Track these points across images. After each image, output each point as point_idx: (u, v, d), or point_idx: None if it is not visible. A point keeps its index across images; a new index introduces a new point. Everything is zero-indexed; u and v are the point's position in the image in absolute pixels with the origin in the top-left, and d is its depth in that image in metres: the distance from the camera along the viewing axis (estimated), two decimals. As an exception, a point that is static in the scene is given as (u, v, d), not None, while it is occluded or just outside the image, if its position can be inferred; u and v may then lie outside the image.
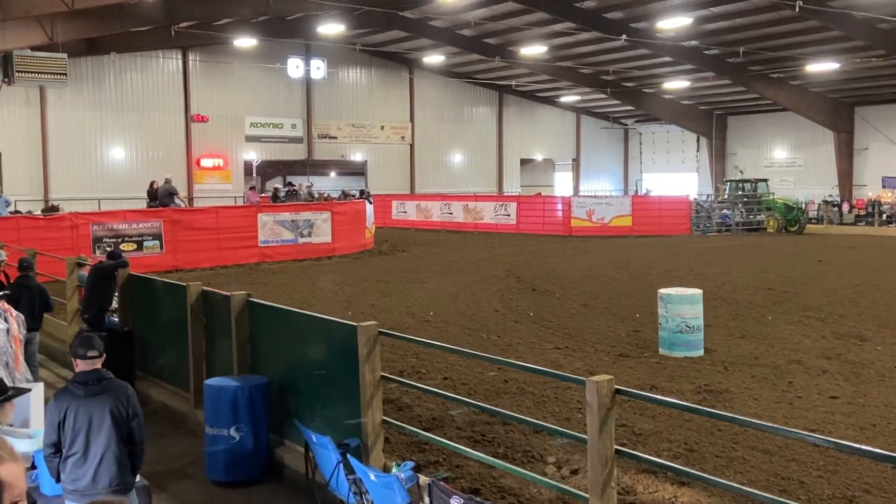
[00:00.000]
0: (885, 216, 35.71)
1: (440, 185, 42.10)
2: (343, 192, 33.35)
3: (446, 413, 7.44)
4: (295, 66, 37.57)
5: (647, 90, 41.26)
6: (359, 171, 42.95)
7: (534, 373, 6.51)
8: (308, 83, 38.95)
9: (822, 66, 31.36)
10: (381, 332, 5.86)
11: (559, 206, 33.18)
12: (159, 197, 23.18)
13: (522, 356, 9.93)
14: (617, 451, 4.42)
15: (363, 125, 41.07)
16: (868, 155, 38.32)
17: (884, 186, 37.73)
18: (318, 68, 38.16)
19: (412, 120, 42.72)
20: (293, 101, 39.04)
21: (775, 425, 5.79)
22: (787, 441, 6.40)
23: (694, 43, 31.68)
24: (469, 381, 8.85)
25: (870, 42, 28.83)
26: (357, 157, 41.62)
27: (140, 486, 5.05)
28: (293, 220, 22.35)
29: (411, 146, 42.80)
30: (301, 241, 22.35)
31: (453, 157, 44.50)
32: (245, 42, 32.74)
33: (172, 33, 29.24)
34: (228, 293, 7.57)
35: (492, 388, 8.56)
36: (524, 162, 47.52)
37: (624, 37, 29.74)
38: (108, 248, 17.02)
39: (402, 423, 6.56)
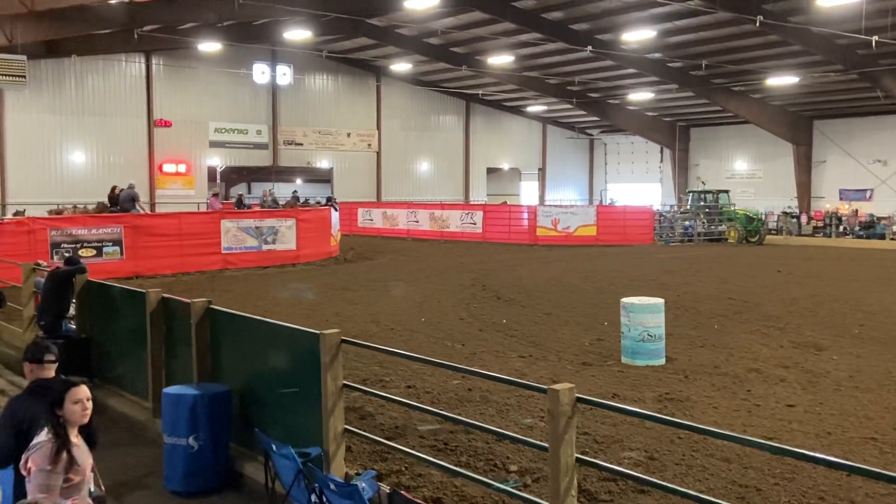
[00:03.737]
0: (842, 228, 36.53)
1: (407, 193, 42.13)
2: (294, 194, 33.36)
3: (411, 424, 7.42)
4: (261, 72, 37.37)
5: (612, 101, 41.74)
6: (325, 178, 42.79)
7: (497, 381, 6.52)
8: (274, 89, 38.75)
9: (782, 80, 32.00)
10: (343, 341, 5.83)
11: (525, 215, 33.36)
12: (120, 202, 22.84)
13: (487, 364, 9.95)
14: (578, 460, 4.45)
15: (329, 132, 40.95)
16: (826, 168, 39.16)
17: (841, 199, 38.62)
18: (284, 74, 37.99)
19: (379, 127, 42.70)
20: (258, 107, 38.80)
21: (733, 434, 5.87)
22: (746, 449, 6.49)
23: (658, 55, 32.15)
24: (433, 389, 8.84)
25: (828, 57, 29.50)
26: (323, 164, 41.47)
27: (95, 496, 4.96)
28: (257, 227, 22.16)
29: (378, 154, 42.77)
30: (265, 247, 22.16)
31: (420, 166, 44.53)
32: (210, 47, 32.48)
33: (135, 37, 28.89)
34: (189, 300, 7.49)
35: (455, 396, 8.56)
36: (491, 171, 47.74)
37: (589, 48, 30.06)
38: (67, 254, 16.71)
39: (365, 431, 6.53)
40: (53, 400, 4.06)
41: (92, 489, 4.82)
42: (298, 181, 45.97)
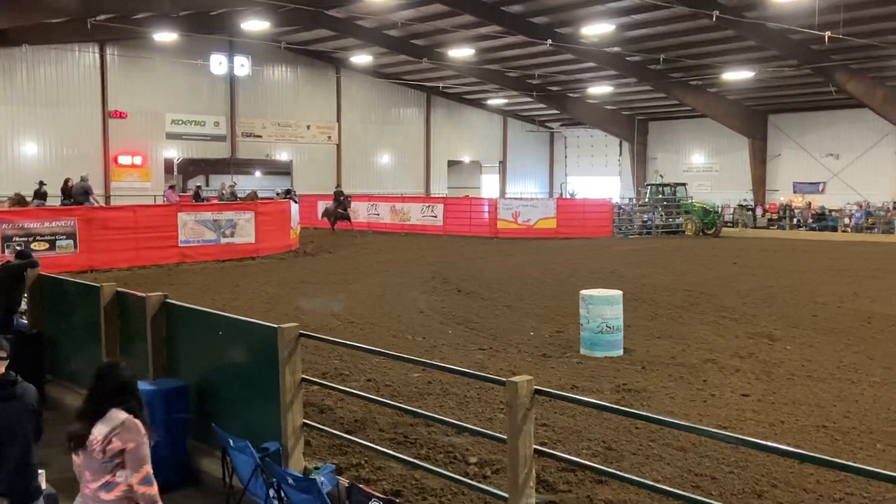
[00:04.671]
0: (795, 220, 37.30)
1: (367, 185, 41.95)
2: (224, 185, 32.95)
3: (371, 417, 7.40)
4: (218, 63, 36.86)
5: (571, 95, 42.01)
6: (284, 170, 42.41)
7: (457, 374, 6.54)
8: (232, 80, 38.25)
9: (737, 75, 32.50)
10: (302, 334, 5.79)
11: (486, 208, 33.46)
12: (73, 195, 22.39)
13: (447, 357, 9.97)
14: (536, 451, 4.48)
15: (289, 124, 40.57)
16: (780, 161, 39.92)
17: (795, 191, 39.42)
18: (243, 65, 37.55)
19: (339, 120, 42.43)
20: (216, 99, 38.28)
21: (689, 423, 5.97)
22: (701, 438, 6.60)
23: (617, 49, 32.41)
24: (393, 382, 8.83)
25: (782, 52, 30.04)
26: (282, 156, 41.09)
27: (48, 494, 4.87)
28: (215, 220, 21.90)
29: (338, 146, 42.50)
30: (223, 241, 21.91)
31: (381, 158, 44.36)
32: (166, 37, 31.92)
33: (89, 26, 28.27)
34: (144, 294, 7.37)
35: (416, 389, 8.56)
36: (452, 164, 47.74)
37: (549, 41, 30.20)
38: (18, 247, 16.33)
39: (325, 425, 6.51)
40: None
41: (43, 487, 4.73)
42: (257, 173, 45.51)
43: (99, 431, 3.89)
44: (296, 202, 27.41)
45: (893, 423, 7.42)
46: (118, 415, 3.94)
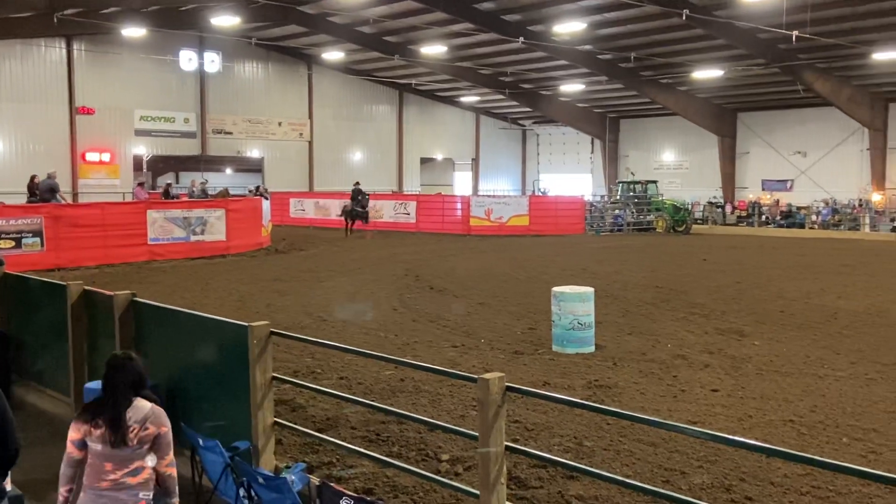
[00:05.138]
0: (763, 217, 37.78)
1: (339, 183, 41.74)
2: (194, 183, 32.46)
3: (343, 415, 7.38)
4: (188, 59, 36.52)
5: (543, 92, 42.17)
6: (255, 167, 42.16)
7: (429, 371, 6.54)
8: (202, 76, 37.91)
9: (707, 73, 32.84)
10: (273, 332, 5.75)
11: (458, 206, 33.50)
12: (40, 192, 22.05)
13: (419, 355, 9.97)
14: (507, 448, 4.49)
15: (260, 121, 40.31)
16: (749, 159, 40.41)
17: (763, 189, 39.92)
18: (213, 61, 37.22)
19: (311, 117, 42.24)
20: (186, 95, 37.91)
21: (659, 419, 6.02)
22: (671, 433, 6.66)
23: (588, 47, 32.61)
24: (365, 380, 8.81)
25: (751, 51, 30.40)
26: (253, 153, 40.82)
27: (13, 496, 4.78)
28: (185, 217, 21.69)
29: (310, 143, 42.32)
30: (193, 238, 21.71)
31: (353, 155, 44.24)
32: (134, 32, 31.52)
33: (55, 20, 27.83)
34: (112, 293, 7.27)
35: (388, 387, 8.55)
36: (424, 161, 47.73)
37: (521, 39, 30.30)
38: (-17, 246, 16.07)
39: (296, 423, 6.47)
40: None
41: (8, 488, 4.65)
42: (228, 171, 45.15)
43: (133, 419, 4.04)
44: (267, 199, 27.22)
45: (859, 418, 7.54)
46: (144, 403, 4.13)
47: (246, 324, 5.79)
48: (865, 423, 7.37)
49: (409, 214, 33.48)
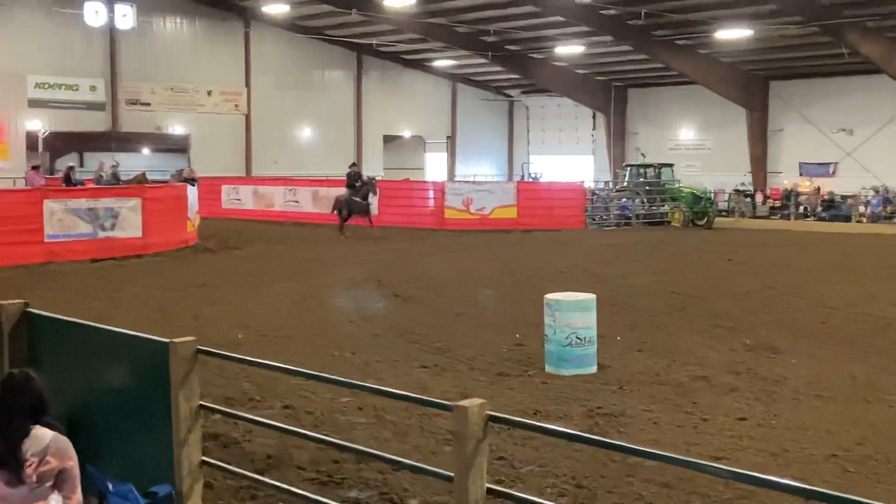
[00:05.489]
0: (801, 208, 38.18)
1: (284, 166, 41.66)
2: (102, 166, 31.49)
3: (288, 452, 7.36)
4: (94, 12, 36.06)
5: (534, 56, 42.32)
6: (180, 147, 41.92)
7: (394, 398, 6.54)
8: (112, 35, 37.61)
9: (733, 34, 33.14)
10: (201, 351, 5.72)
11: (431, 194, 33.51)
12: None
13: (382, 377, 9.97)
14: (489, 490, 4.49)
15: (185, 90, 40.08)
16: (783, 137, 40.83)
17: (801, 174, 40.32)
18: (126, 16, 36.80)
19: (248, 85, 42.09)
20: (92, 57, 37.60)
21: (675, 455, 6.05)
22: (689, 472, 6.70)
23: (589, 1, 32.75)
24: (316, 409, 8.80)
25: (785, 6, 30.73)
26: (177, 129, 40.62)
27: None
28: (91, 209, 21.51)
29: (247, 117, 42.16)
30: (102, 234, 21.54)
31: (301, 132, 44.16)
32: (28, -21, 31.20)
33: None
34: (-1, 302, 7.19)
35: (343, 417, 8.55)
36: (388, 139, 47.74)
37: (508, -11, 30.39)
38: None
39: (229, 463, 6.44)
40: None
41: None
42: (146, 151, 44.80)
43: (30, 452, 4.04)
44: (194, 186, 27.07)
45: (915, 451, 7.65)
46: (44, 432, 4.14)
47: (167, 340, 5.75)
48: (923, 457, 7.48)
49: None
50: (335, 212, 28.23)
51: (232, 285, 17.56)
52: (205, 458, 5.82)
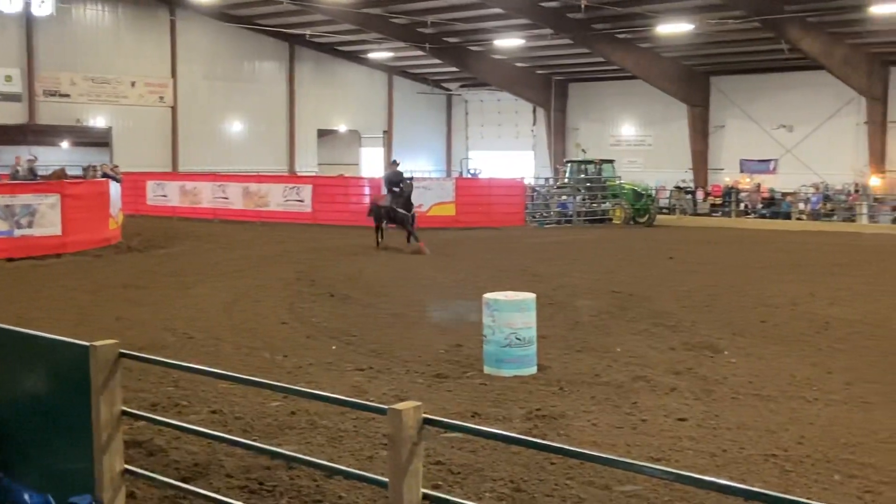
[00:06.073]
0: (742, 205, 38.92)
1: (213, 161, 41.19)
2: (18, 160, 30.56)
3: (216, 459, 7.29)
4: (9, -1, 35.30)
5: (473, 48, 42.46)
6: (101, 140, 41.27)
7: (328, 402, 6.51)
8: (29, 22, 36.87)
9: (674, 28, 33.61)
10: (123, 354, 5.65)
11: (367, 190, 33.42)
12: None
13: (316, 381, 9.94)
14: (425, 496, 4.51)
15: (107, 80, 39.44)
16: (725, 134, 41.55)
17: (742, 171, 41.11)
18: (43, 2, 36.02)
19: (174, 75, 41.54)
20: (7, 46, 36.88)
21: (614, 456, 6.14)
22: (629, 473, 6.79)
23: (529, -8, 32.97)
24: (245, 414, 8.73)
25: (727, 1, 31.23)
26: (98, 121, 39.99)
27: None
28: (7, 206, 21.09)
29: (173, 109, 41.63)
30: (18, 233, 21.15)
31: (230, 126, 43.74)
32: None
33: None
34: None
35: (275, 422, 8.48)
36: (323, 133, 47.51)
37: (445, -20, 30.45)
38: None
39: (154, 471, 6.37)
40: None
41: None
42: (65, 144, 44.02)
43: None
44: (117, 182, 26.69)
45: (854, 450, 7.84)
46: None
47: (87, 343, 5.66)
48: (862, 456, 7.67)
49: (303, 202, 33.24)
50: (370, 216, 24.71)
51: (157, 286, 17.38)
52: (128, 467, 5.74)
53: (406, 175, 24.88)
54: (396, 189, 23.70)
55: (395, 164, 26.31)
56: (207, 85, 42.47)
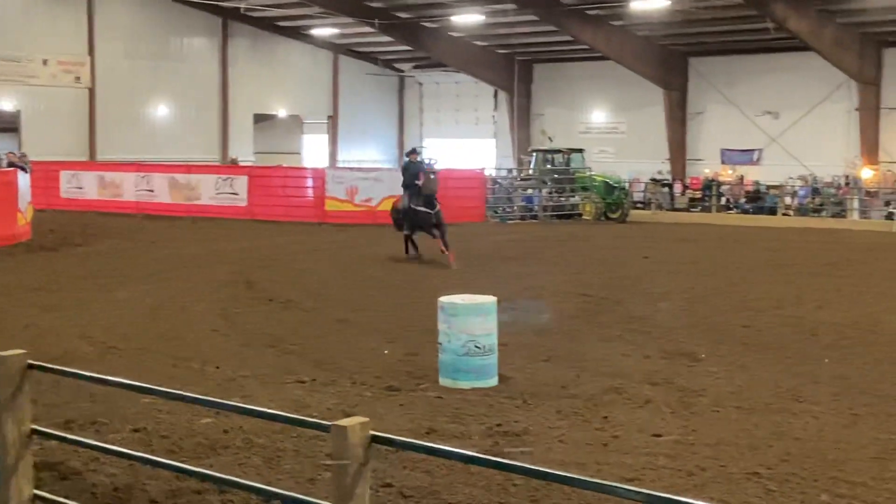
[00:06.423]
0: (724, 200, 39.21)
1: (136, 149, 40.83)
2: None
3: (139, 483, 7.22)
4: None
5: (428, 24, 42.42)
6: (9, 125, 40.80)
7: (264, 418, 6.48)
8: (-73, -9, 36.22)
9: (650, 4, 33.85)
10: (32, 366, 5.59)
11: (310, 182, 33.32)
12: None
13: (251, 394, 9.88)
14: (373, 522, 4.51)
15: (15, 58, 39.00)
16: (704, 120, 41.79)
17: (723, 162, 41.39)
18: (-57, -31, 35.61)
19: (92, 53, 41.14)
20: None
21: (583, 477, 6.17)
22: (600, 496, 6.83)
23: (489, -37, 33.06)
24: (172, 432, 8.66)
25: (706, -25, 31.56)
26: (5, 104, 39.47)
27: None
28: None
29: (91, 91, 41.22)
30: (-86, 230, 20.82)
31: (155, 110, 43.40)
32: None
33: None
34: None
35: (205, 441, 8.43)
36: (260, 119, 47.27)
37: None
38: None
39: (68, 497, 6.29)
40: None
41: None
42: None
43: None
44: (26, 172, 26.36)
45: (843, 467, 7.94)
46: None
47: (-9, 354, 5.60)
48: (851, 474, 7.77)
49: (237, 195, 33.04)
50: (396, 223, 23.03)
51: (73, 289, 17.23)
52: (37, 492, 5.69)
53: (427, 162, 22.99)
54: (416, 184, 21.85)
55: (413, 152, 24.20)
56: (129, 64, 42.02)
